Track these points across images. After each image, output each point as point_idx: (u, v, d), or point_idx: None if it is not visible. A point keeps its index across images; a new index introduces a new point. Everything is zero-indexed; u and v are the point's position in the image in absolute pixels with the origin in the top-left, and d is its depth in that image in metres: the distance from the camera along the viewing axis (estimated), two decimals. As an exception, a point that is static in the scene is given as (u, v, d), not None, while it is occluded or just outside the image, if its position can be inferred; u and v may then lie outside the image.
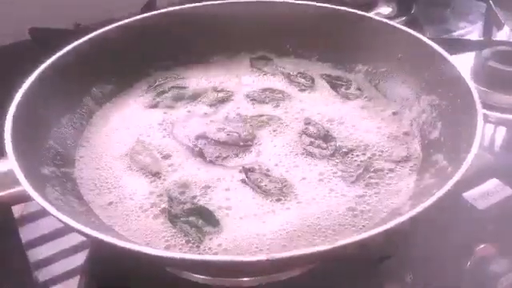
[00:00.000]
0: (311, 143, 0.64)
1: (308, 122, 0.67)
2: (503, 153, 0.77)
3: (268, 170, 0.60)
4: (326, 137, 0.65)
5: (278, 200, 0.57)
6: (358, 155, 0.62)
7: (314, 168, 0.61)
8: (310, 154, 0.62)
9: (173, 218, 0.55)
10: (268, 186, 0.58)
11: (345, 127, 0.66)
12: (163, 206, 0.56)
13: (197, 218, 0.54)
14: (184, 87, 0.75)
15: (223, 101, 0.72)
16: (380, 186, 0.58)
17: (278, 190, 0.58)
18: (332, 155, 0.62)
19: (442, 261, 0.59)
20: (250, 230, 0.53)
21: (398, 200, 0.56)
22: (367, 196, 0.57)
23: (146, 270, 0.53)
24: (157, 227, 0.54)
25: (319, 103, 0.72)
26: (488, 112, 0.79)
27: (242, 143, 0.64)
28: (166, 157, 0.63)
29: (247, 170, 0.60)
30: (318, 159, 0.62)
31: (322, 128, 0.66)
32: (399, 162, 0.61)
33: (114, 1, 0.98)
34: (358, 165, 0.61)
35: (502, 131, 0.81)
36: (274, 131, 0.66)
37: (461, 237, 0.62)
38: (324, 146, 0.63)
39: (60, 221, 0.46)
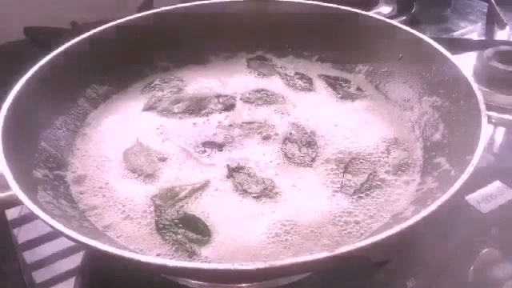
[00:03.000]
0: (293, 149, 0.62)
1: (294, 128, 0.65)
2: (506, 154, 0.76)
3: (252, 173, 0.59)
4: (309, 143, 0.63)
5: (265, 202, 0.55)
6: (360, 162, 0.60)
7: (303, 174, 0.59)
8: (292, 161, 0.60)
9: (161, 230, 0.53)
10: (252, 189, 0.57)
11: (342, 130, 0.65)
12: (152, 215, 0.55)
13: (185, 229, 0.53)
14: (181, 89, 0.74)
15: (219, 108, 0.70)
16: (380, 191, 0.57)
17: (261, 192, 0.56)
18: (313, 160, 0.60)
19: (444, 265, 0.58)
20: (242, 235, 0.52)
21: (399, 205, 0.55)
22: (367, 202, 0.56)
23: (141, 274, 0.51)
24: (150, 234, 0.53)
25: (316, 105, 0.70)
26: (490, 113, 0.78)
27: (236, 145, 0.63)
28: (162, 159, 0.61)
29: (232, 170, 0.59)
30: (304, 166, 0.60)
31: (304, 134, 0.64)
32: (401, 166, 0.60)
33: (110, 0, 0.97)
34: (364, 172, 0.59)
35: (503, 132, 0.80)
36: (263, 138, 0.64)
37: (464, 241, 0.61)
38: (305, 151, 0.62)
39: (49, 226, 0.44)
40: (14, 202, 0.49)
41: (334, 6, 0.76)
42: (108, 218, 0.55)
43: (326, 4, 0.77)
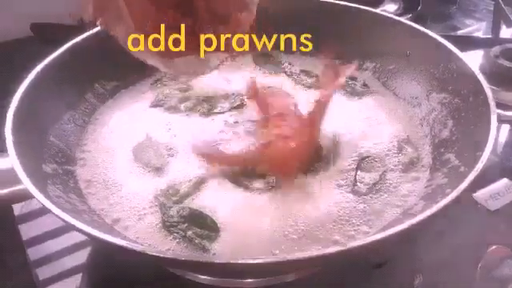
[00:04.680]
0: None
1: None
2: (512, 152, 0.76)
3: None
4: None
5: (272, 196, 0.55)
6: (371, 160, 0.60)
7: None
8: None
9: (168, 228, 0.53)
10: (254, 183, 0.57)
11: (349, 127, 0.65)
12: (159, 212, 0.55)
13: (193, 225, 0.53)
14: (189, 86, 0.73)
15: (227, 105, 0.70)
16: (390, 187, 0.57)
17: (264, 186, 0.56)
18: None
19: (452, 263, 0.58)
20: (251, 231, 0.52)
21: (409, 200, 0.55)
22: (377, 198, 0.56)
23: (149, 270, 0.52)
24: (158, 229, 0.53)
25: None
26: (497, 110, 0.78)
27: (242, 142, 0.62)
28: (170, 154, 0.61)
29: None
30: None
31: None
32: (410, 163, 0.60)
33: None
34: (377, 170, 0.59)
35: (510, 130, 0.80)
36: None
37: (471, 238, 0.61)
38: None
39: (63, 220, 0.44)
40: (24, 197, 0.50)
41: (342, 2, 0.76)
42: (116, 213, 0.55)
43: (334, 1, 0.77)
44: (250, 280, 0.54)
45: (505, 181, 0.66)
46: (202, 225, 0.53)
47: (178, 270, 0.54)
